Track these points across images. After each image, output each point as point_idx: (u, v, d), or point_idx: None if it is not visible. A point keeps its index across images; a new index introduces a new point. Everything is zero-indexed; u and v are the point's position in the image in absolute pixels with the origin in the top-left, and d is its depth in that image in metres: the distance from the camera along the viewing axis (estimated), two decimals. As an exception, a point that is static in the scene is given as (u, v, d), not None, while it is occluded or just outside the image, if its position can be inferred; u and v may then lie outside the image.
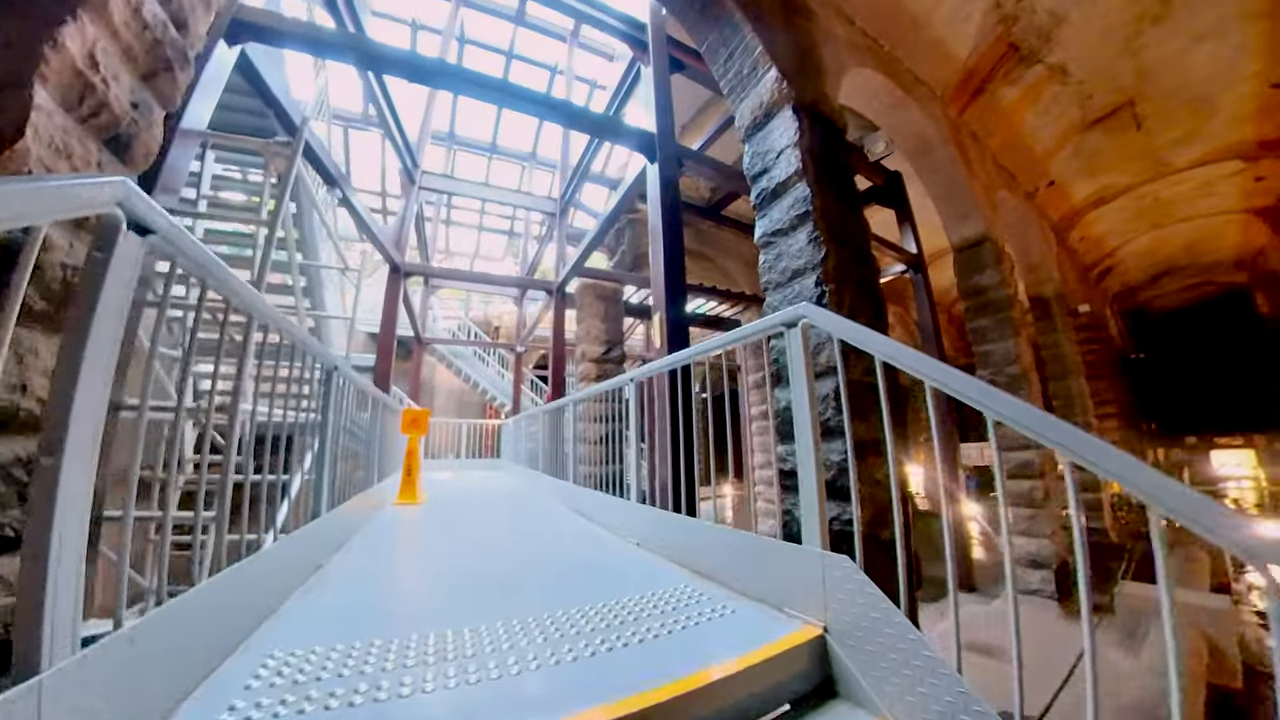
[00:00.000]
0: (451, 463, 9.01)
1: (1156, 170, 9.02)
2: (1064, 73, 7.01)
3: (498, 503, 4.85)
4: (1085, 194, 9.21)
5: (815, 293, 3.30)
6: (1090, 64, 6.96)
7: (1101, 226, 10.10)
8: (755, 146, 3.94)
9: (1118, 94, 7.51)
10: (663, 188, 4.00)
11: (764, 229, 3.73)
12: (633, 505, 3.20)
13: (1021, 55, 6.65)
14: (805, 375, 1.85)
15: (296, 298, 4.10)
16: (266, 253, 3.03)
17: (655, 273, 3.90)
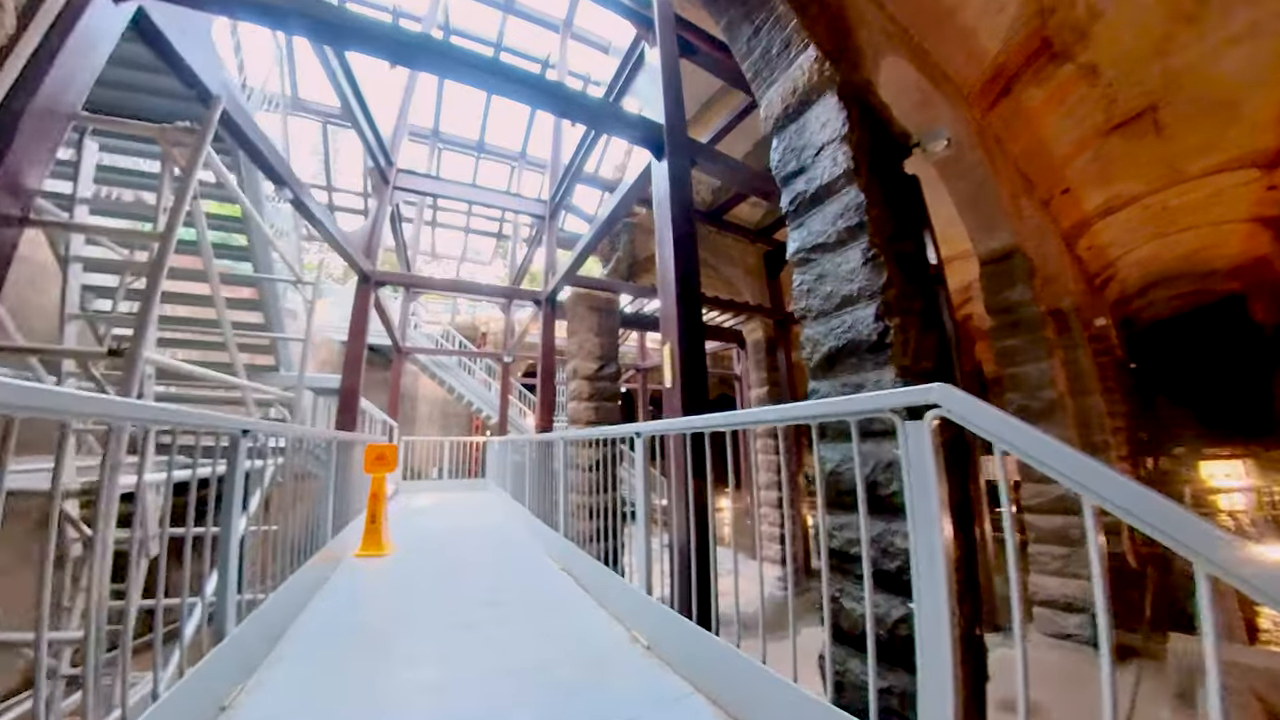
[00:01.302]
0: (433, 484, 8.15)
1: (1170, 178, 8.52)
2: (1093, 73, 6.41)
3: (478, 553, 4.05)
4: (1097, 202, 8.67)
5: (874, 329, 2.55)
6: (1120, 65, 6.37)
7: (1108, 235, 9.60)
8: (787, 141, 3.18)
9: (1142, 98, 6.94)
10: (673, 189, 3.22)
11: (800, 242, 2.97)
12: (640, 594, 2.45)
13: (1054, 52, 6.03)
14: (935, 496, 1.16)
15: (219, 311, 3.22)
16: (158, 265, 2.19)
17: (664, 292, 3.12)
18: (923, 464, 1.26)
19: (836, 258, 2.78)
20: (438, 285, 7.21)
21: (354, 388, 5.39)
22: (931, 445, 1.25)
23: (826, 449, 2.65)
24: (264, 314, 4.88)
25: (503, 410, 10.25)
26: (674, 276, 3.02)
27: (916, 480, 1.27)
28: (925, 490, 1.23)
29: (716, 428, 2.02)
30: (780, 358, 8.40)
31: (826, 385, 2.78)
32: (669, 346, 2.95)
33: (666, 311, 3.03)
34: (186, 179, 2.26)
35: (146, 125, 2.48)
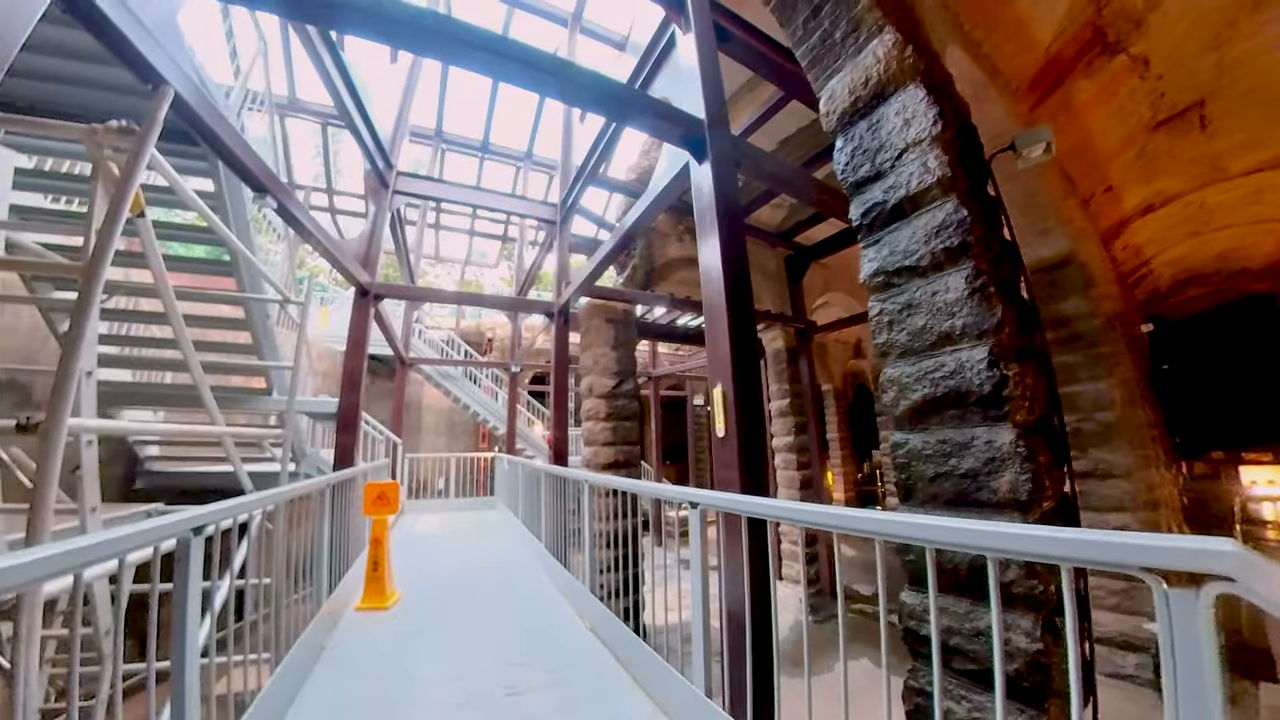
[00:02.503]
0: (440, 504, 7.64)
1: (1211, 176, 7.96)
2: (1145, 65, 5.86)
3: (493, 605, 3.54)
4: (1137, 200, 8.11)
5: (987, 378, 2.03)
6: (1173, 57, 5.82)
7: (1145, 234, 9.04)
8: (856, 141, 2.63)
9: (1192, 92, 6.38)
10: (719, 197, 2.68)
11: (880, 263, 2.44)
12: (692, 691, 1.97)
13: (1107, 43, 5.48)
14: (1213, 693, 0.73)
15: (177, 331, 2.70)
16: (83, 304, 1.66)
17: (713, 322, 2.59)
18: (1196, 656, 0.76)
19: (931, 285, 2.25)
20: (442, 298, 6.68)
21: (353, 407, 4.87)
22: (1210, 631, 0.76)
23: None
24: (252, 333, 4.35)
25: (510, 422, 9.74)
26: (724, 303, 2.49)
27: (1184, 672, 0.77)
28: (1196, 688, 0.73)
29: (824, 526, 1.50)
30: (802, 368, 7.87)
31: (917, 439, 2.26)
32: (720, 390, 2.42)
33: (716, 346, 2.50)
34: (122, 189, 1.73)
35: (69, 125, 1.94)
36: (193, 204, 2.71)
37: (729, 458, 2.38)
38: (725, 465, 2.41)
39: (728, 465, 2.40)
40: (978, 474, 2.07)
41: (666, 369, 12.23)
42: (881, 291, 2.44)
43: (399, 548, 5.16)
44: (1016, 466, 1.98)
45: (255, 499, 1.83)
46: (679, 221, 7.25)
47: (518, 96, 11.52)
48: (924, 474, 2.22)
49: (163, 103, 1.98)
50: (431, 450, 12.04)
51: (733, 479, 2.33)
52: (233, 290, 4.08)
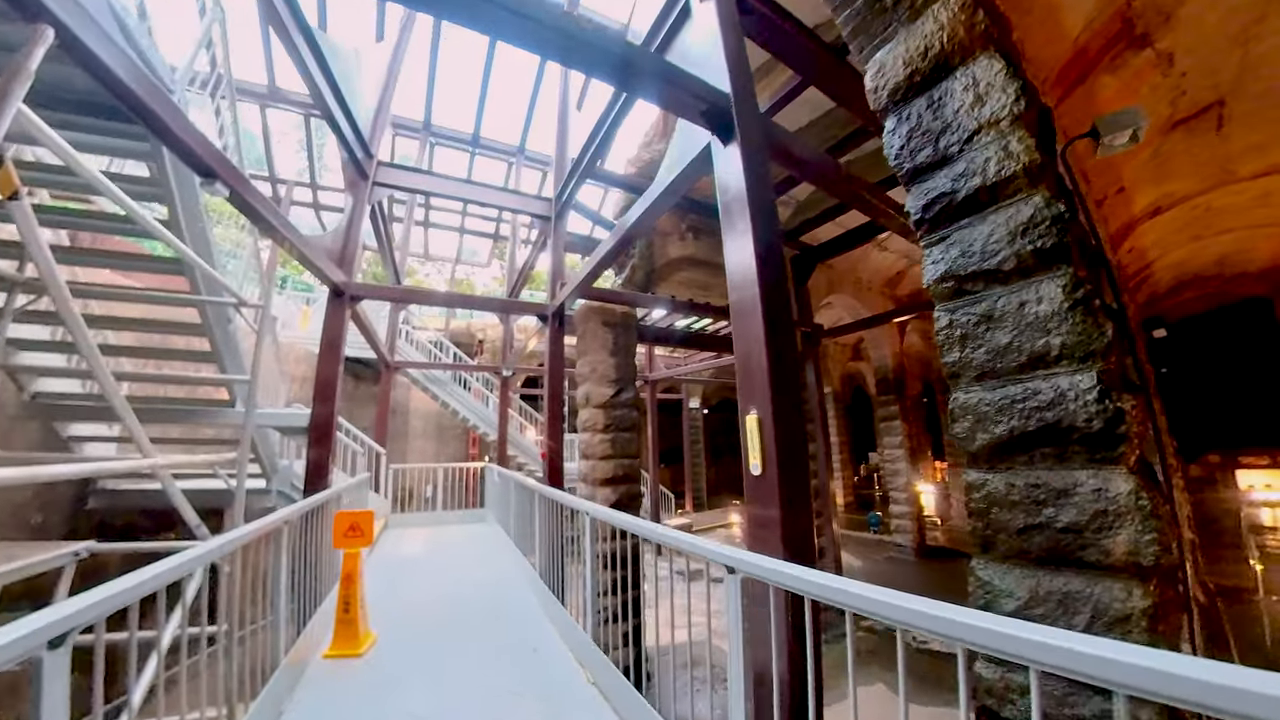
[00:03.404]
0: (426, 517, 7.12)
1: (1220, 178, 7.73)
2: (1169, 62, 5.56)
3: (483, 650, 3.07)
4: (1146, 202, 7.86)
5: (1095, 411, 1.62)
6: (1198, 53, 5.52)
7: (1150, 238, 8.81)
8: (913, 121, 2.21)
9: (1211, 91, 6.10)
10: (751, 186, 2.24)
11: (948, 265, 2.01)
12: None
13: (1134, 36, 5.15)
14: None
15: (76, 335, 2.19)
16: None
17: (745, 334, 2.14)
18: None
19: (1017, 294, 1.83)
20: (428, 299, 6.15)
21: (327, 418, 4.35)
22: None
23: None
24: (210, 339, 3.81)
25: (502, 429, 9.23)
26: (759, 314, 2.05)
27: None
28: None
29: (910, 625, 1.07)
30: (809, 373, 7.48)
31: (999, 481, 1.84)
32: (755, 418, 1.98)
33: (750, 365, 2.06)
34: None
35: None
36: (99, 185, 2.21)
37: (766, 498, 1.94)
38: (761, 505, 1.97)
39: (764, 505, 1.96)
40: (1083, 529, 1.66)
41: (663, 372, 11.80)
42: (951, 300, 2.01)
43: (379, 570, 4.66)
44: (1137, 523, 1.58)
45: (152, 575, 1.35)
46: (681, 219, 6.81)
47: (510, 87, 10.99)
48: (1009, 524, 1.80)
49: (37, 46, 1.49)
50: (419, 457, 11.47)
51: (770, 528, 1.90)
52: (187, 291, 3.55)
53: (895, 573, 8.15)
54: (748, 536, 2.02)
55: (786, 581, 1.34)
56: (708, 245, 7.07)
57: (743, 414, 2.04)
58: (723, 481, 18.87)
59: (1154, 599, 1.58)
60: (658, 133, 6.03)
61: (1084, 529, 1.66)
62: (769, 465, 1.89)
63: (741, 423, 2.05)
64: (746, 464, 2.00)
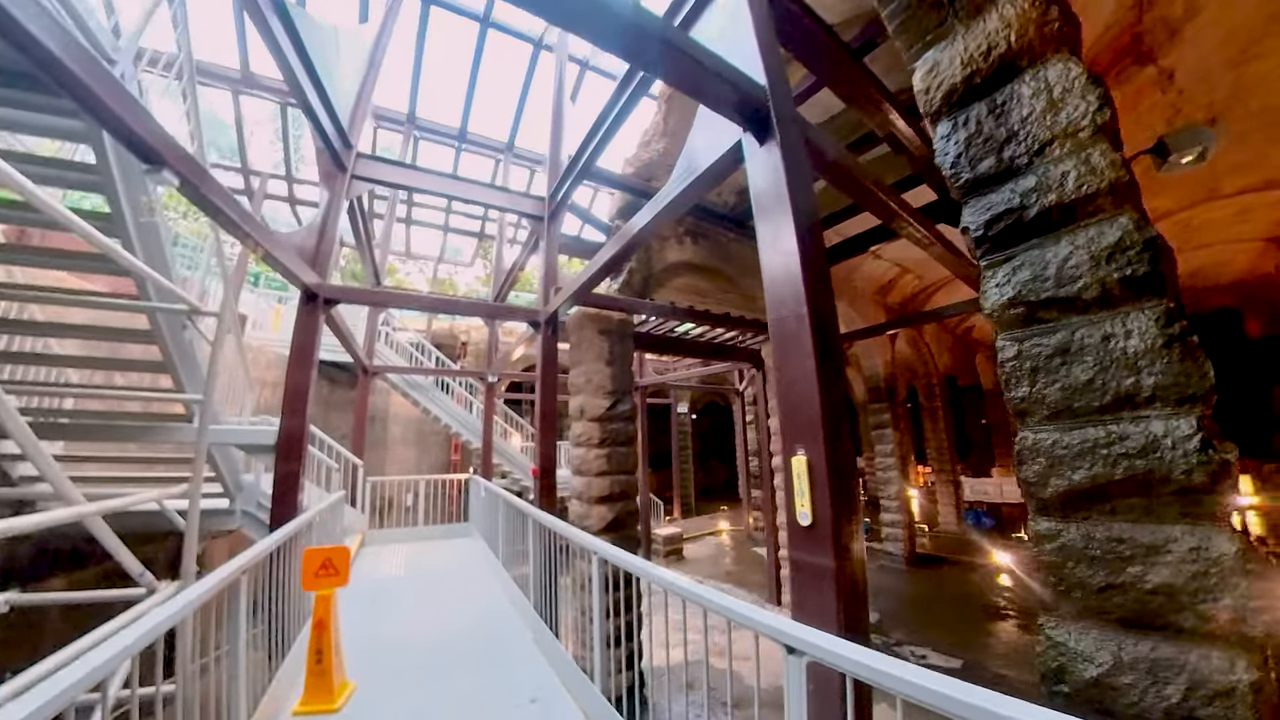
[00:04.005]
0: (407, 533, 6.70)
1: (1204, 195, 7.91)
2: (1169, 79, 5.59)
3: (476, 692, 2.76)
4: (1134, 219, 7.99)
5: (1194, 460, 1.43)
6: (1197, 72, 5.57)
7: (1134, 253, 9.01)
8: (972, 128, 2.00)
9: (1205, 110, 6.19)
10: (794, 190, 1.99)
11: (1017, 289, 1.80)
12: None
13: (1140, 51, 5.15)
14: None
15: None
16: None
17: (790, 366, 1.90)
18: None
19: (1100, 325, 1.63)
20: (409, 302, 5.74)
21: (297, 433, 3.94)
22: None
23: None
24: (162, 349, 3.38)
25: (486, 436, 8.83)
26: (810, 336, 1.80)
27: None
28: None
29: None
30: (805, 383, 7.33)
31: (1075, 533, 1.64)
32: (804, 460, 1.74)
33: (796, 395, 1.81)
34: None
35: None
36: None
37: (818, 549, 1.70)
38: (810, 554, 1.72)
39: (814, 554, 1.71)
40: (1176, 591, 1.46)
41: (654, 378, 11.55)
42: (1019, 328, 1.81)
43: (356, 596, 4.27)
44: (1243, 588, 1.39)
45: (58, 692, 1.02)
46: (679, 222, 6.56)
47: (500, 80, 10.57)
48: (1086, 581, 1.60)
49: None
50: (399, 465, 10.95)
51: (823, 581, 1.66)
52: (134, 294, 3.12)
53: (890, 582, 8.09)
54: (795, 588, 1.77)
55: (880, 679, 1.08)
56: (706, 250, 6.85)
57: (786, 455, 1.79)
58: (710, 487, 18.75)
59: (1261, 671, 1.39)
60: (658, 132, 5.77)
61: (1178, 591, 1.46)
62: (822, 515, 1.65)
63: (785, 466, 1.80)
64: (791, 512, 1.75)
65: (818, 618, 1.60)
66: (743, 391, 13.85)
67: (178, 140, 2.41)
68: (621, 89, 4.14)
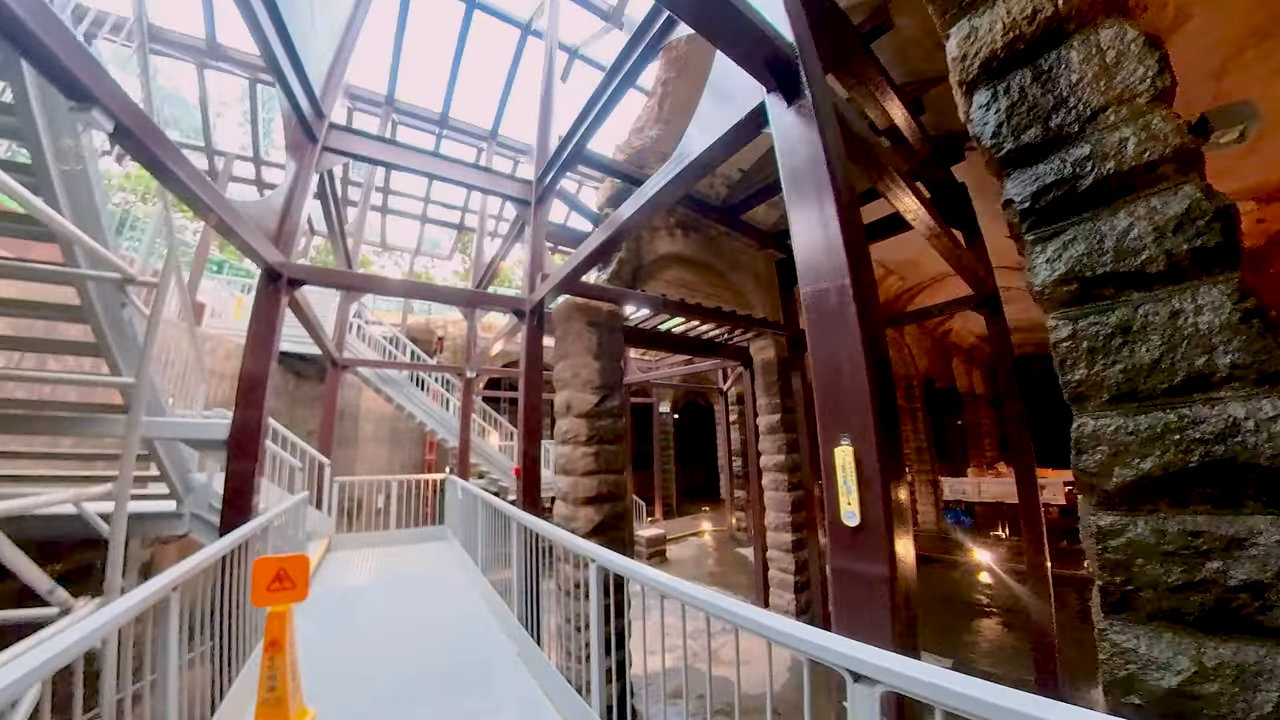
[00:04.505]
0: (378, 537, 6.25)
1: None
2: (1148, 86, 5.79)
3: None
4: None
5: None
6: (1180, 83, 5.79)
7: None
8: (1014, 96, 1.86)
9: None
10: (831, 159, 1.80)
11: (1070, 264, 1.66)
12: None
13: (1125, 55, 5.30)
14: None
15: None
16: None
17: (828, 349, 1.70)
18: None
19: (1167, 301, 1.50)
20: (384, 288, 5.34)
21: (253, 427, 3.53)
22: None
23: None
24: (94, 328, 2.95)
25: (464, 434, 8.42)
26: (854, 311, 1.60)
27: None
28: None
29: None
30: (795, 381, 7.25)
31: (1144, 527, 1.49)
32: (850, 451, 1.53)
33: (837, 378, 1.60)
34: None
35: None
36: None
37: (870, 554, 1.48)
38: (859, 561, 1.51)
39: (864, 561, 1.50)
40: (1265, 587, 1.32)
41: (638, 376, 11.32)
42: (1072, 306, 1.66)
43: (319, 608, 3.88)
44: (1336, 585, 1.25)
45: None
46: (670, 213, 6.38)
47: (486, 64, 10.20)
48: (1159, 580, 1.45)
49: None
50: (370, 464, 10.36)
51: (875, 591, 1.45)
52: (59, 261, 2.69)
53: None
54: (839, 600, 1.55)
55: (994, 716, 0.88)
56: (697, 243, 6.68)
57: (826, 446, 1.58)
58: (691, 487, 18.62)
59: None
60: (652, 118, 5.57)
61: (1268, 587, 1.32)
62: (873, 515, 1.44)
63: (824, 458, 1.59)
64: (833, 512, 1.54)
65: (869, 634, 1.39)
66: (726, 390, 13.77)
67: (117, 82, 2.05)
68: (618, 66, 3.91)
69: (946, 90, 5.29)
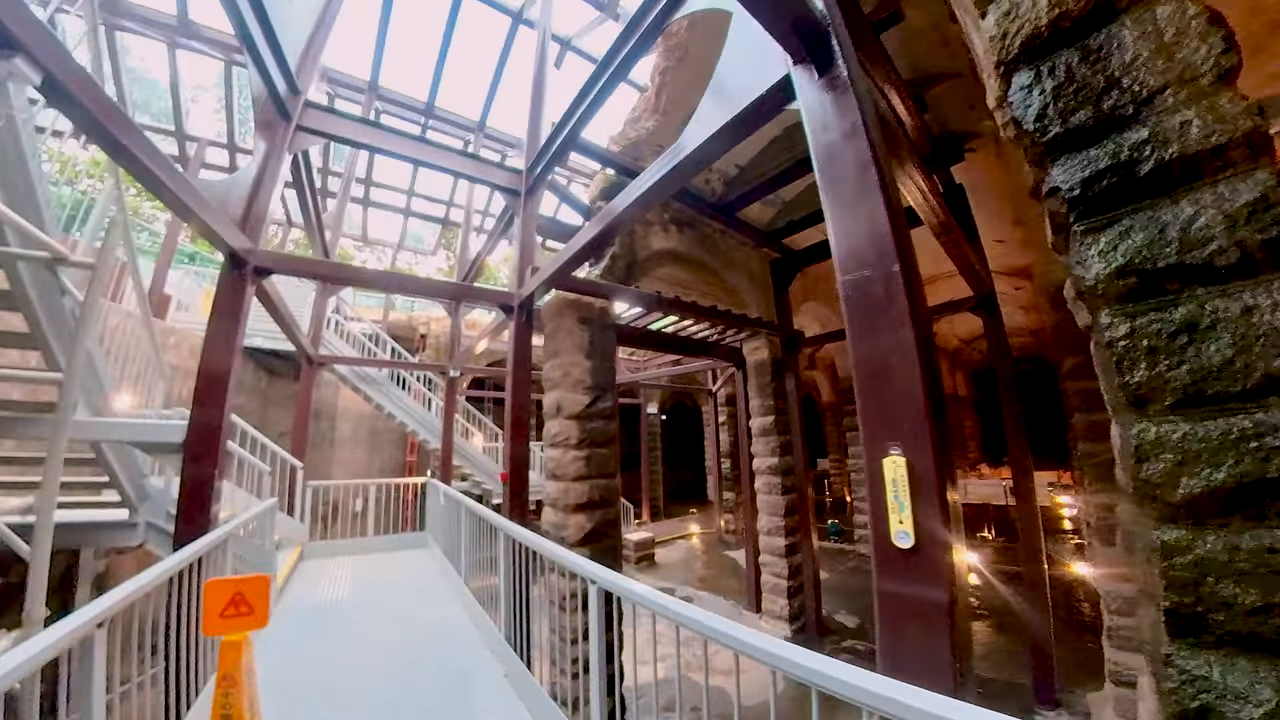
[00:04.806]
0: (355, 543, 5.90)
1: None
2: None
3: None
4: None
5: None
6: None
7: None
8: (1060, 76, 1.72)
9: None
10: (869, 127, 1.62)
11: (1129, 255, 1.52)
12: None
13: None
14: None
15: None
16: None
17: (873, 344, 1.53)
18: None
19: (1239, 297, 1.37)
20: (361, 278, 5.00)
21: (212, 427, 3.19)
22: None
23: None
24: (27, 317, 2.61)
25: (446, 436, 8.09)
26: (904, 302, 1.43)
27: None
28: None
29: None
30: (788, 382, 7.14)
31: (1216, 543, 1.35)
32: (901, 462, 1.36)
33: (886, 377, 1.43)
34: None
35: None
36: None
37: (923, 577, 1.30)
38: (909, 584, 1.32)
39: (915, 584, 1.31)
40: (1350, 615, 1.19)
41: (625, 377, 11.12)
42: (1130, 302, 1.52)
43: (288, 625, 3.57)
44: None
45: None
46: (664, 208, 6.20)
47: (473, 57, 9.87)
48: (1233, 601, 1.32)
49: None
50: (347, 467, 9.90)
51: (933, 621, 1.28)
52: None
53: (865, 584, 8.02)
54: (887, 632, 1.37)
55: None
56: (691, 240, 6.52)
57: (873, 456, 1.40)
58: (678, 490, 18.48)
59: None
60: (648, 108, 5.38)
61: (1353, 616, 1.20)
62: (930, 534, 1.27)
63: (870, 470, 1.41)
64: (881, 531, 1.36)
65: (926, 673, 1.22)
66: (715, 392, 13.66)
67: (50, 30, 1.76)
68: (618, 47, 3.71)
69: (947, 90, 5.20)
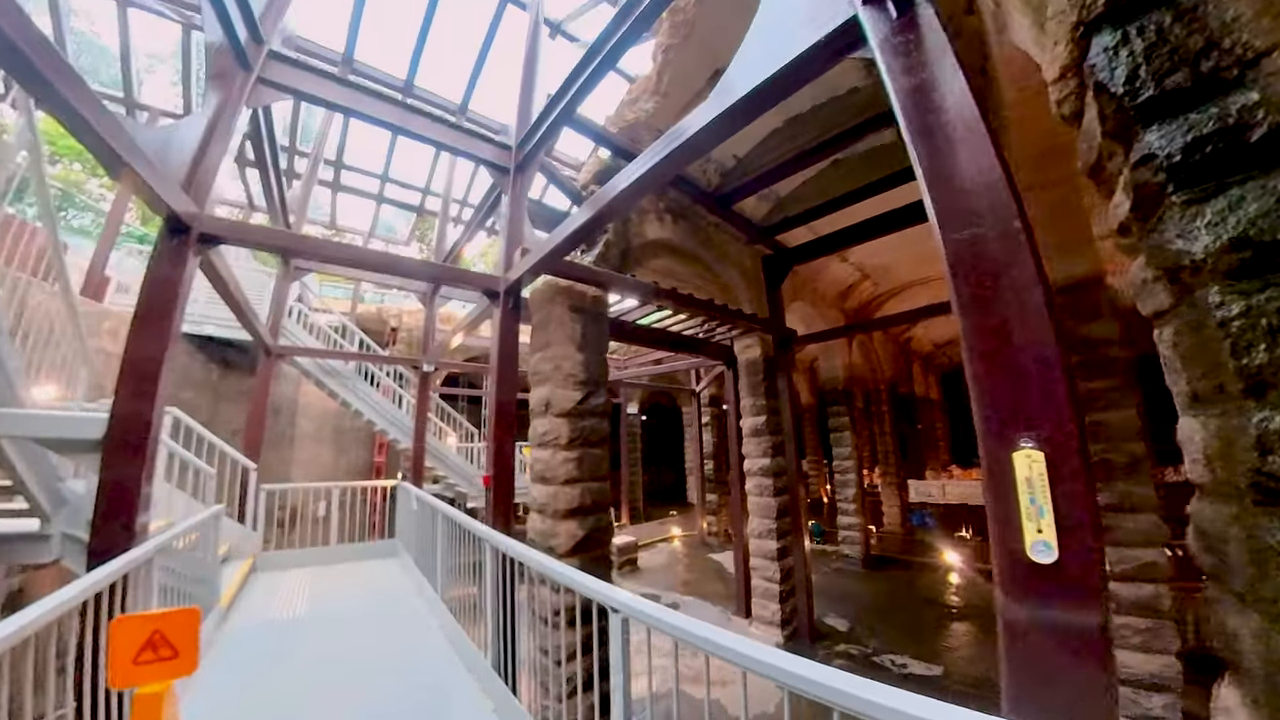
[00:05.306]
0: (316, 552, 5.35)
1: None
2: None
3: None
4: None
5: None
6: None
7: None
8: (1150, 37, 1.48)
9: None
10: (967, 70, 1.37)
11: (1242, 227, 1.30)
12: None
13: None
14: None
15: None
16: None
17: (989, 311, 1.26)
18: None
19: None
20: (324, 252, 4.46)
21: (140, 422, 2.69)
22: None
23: None
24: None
25: (419, 435, 7.57)
26: (1030, 257, 1.17)
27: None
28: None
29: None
30: (781, 381, 6.96)
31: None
32: (1036, 456, 1.10)
33: (1010, 350, 1.16)
34: None
35: None
36: None
37: (1070, 596, 1.02)
38: (1052, 605, 1.04)
39: (1061, 606, 1.02)
40: None
41: (612, 374, 10.75)
42: (1244, 279, 1.31)
43: (235, 654, 3.08)
44: None
45: None
46: (659, 197, 5.91)
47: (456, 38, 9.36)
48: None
49: None
50: (308, 467, 9.19)
51: (1085, 648, 1.00)
52: None
53: (851, 586, 7.93)
54: (1018, 668, 1.08)
55: None
56: (685, 231, 6.25)
57: (998, 450, 1.11)
58: (659, 491, 18.22)
59: None
60: (647, 89, 5.08)
61: None
62: (1077, 544, 1.00)
63: (991, 467, 1.13)
64: (1012, 542, 1.08)
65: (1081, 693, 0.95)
66: (699, 391, 13.45)
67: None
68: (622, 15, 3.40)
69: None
